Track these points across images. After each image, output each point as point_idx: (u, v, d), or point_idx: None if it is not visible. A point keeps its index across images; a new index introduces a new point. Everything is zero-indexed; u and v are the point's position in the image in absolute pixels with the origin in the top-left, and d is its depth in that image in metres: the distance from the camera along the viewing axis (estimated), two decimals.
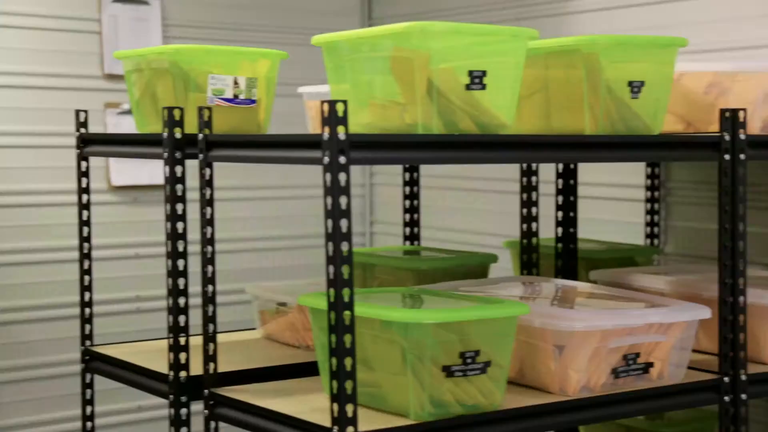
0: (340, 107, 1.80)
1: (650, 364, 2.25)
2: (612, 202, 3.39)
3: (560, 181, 2.93)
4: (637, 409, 2.28)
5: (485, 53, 2.01)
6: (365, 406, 2.00)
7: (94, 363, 2.62)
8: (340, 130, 1.80)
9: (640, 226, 3.24)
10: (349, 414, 1.83)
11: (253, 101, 2.38)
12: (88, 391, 2.64)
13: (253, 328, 2.84)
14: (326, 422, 1.89)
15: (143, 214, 4.13)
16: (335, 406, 1.84)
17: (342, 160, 1.81)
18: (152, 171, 4.10)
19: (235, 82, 2.34)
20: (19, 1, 3.79)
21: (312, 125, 2.76)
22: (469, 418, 2.00)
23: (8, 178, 3.82)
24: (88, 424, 2.63)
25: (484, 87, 2.00)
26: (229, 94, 2.34)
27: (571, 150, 2.21)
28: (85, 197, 2.64)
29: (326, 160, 1.82)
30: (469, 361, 1.98)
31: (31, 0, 3.81)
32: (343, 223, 1.83)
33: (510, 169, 3.49)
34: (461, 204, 4.04)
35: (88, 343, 2.66)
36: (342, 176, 1.82)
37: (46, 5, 3.84)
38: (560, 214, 2.92)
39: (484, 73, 2.00)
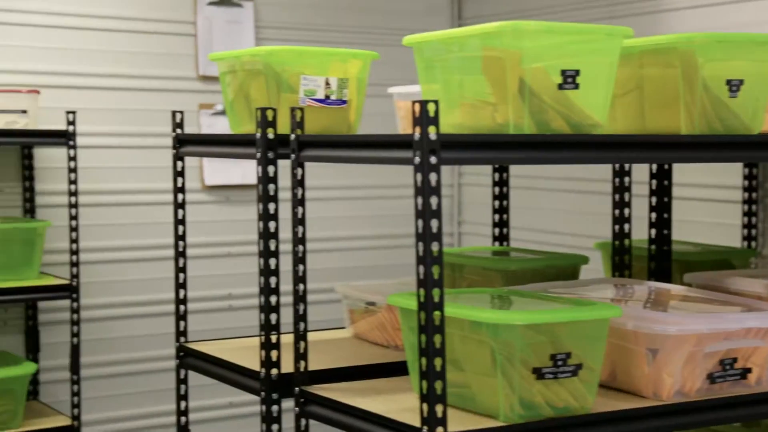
0: (431, 107, 1.79)
1: (748, 370, 2.19)
2: (708, 204, 3.32)
3: (654, 181, 2.87)
4: (733, 416, 2.22)
5: (578, 52, 1.99)
6: (454, 406, 1.99)
7: (188, 359, 2.67)
8: (431, 130, 1.80)
9: (737, 228, 3.16)
10: (439, 414, 1.83)
11: (344, 102, 2.40)
12: (183, 387, 2.69)
13: (343, 327, 2.86)
14: (416, 422, 1.89)
15: (235, 213, 4.19)
16: (425, 406, 1.83)
17: (433, 160, 1.81)
18: (244, 171, 4.16)
19: (327, 83, 2.36)
20: (116, 5, 3.88)
21: (402, 125, 2.76)
22: (559, 420, 1.97)
23: (107, 178, 3.92)
24: (182, 418, 2.68)
25: (577, 86, 1.98)
26: (320, 95, 2.36)
27: (667, 150, 2.16)
28: (180, 196, 2.69)
29: (417, 160, 1.82)
30: (560, 363, 1.96)
31: (128, 4, 3.91)
32: (434, 223, 1.82)
33: (601, 170, 3.44)
34: (551, 204, 4.00)
35: (182, 339, 2.71)
36: (433, 176, 1.82)
37: (144, 9, 3.93)
38: (654, 215, 2.87)
39: (577, 72, 1.97)
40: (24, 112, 3.51)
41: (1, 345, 3.75)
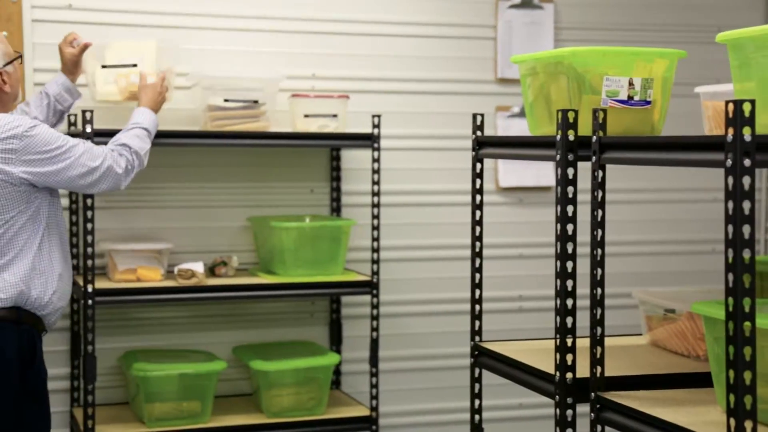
0: (746, 107, 1.70)
1: None
2: None
3: None
4: None
5: None
6: (764, 423, 1.88)
7: (483, 358, 2.70)
8: (746, 131, 1.71)
9: None
10: (748, 431, 1.73)
11: (648, 102, 2.33)
12: (477, 385, 2.72)
13: (639, 334, 2.78)
14: None
15: (527, 215, 4.20)
16: (732, 422, 1.75)
17: (747, 162, 1.72)
18: (538, 173, 4.16)
19: (630, 83, 2.30)
20: (420, 12, 4.01)
21: (708, 126, 2.64)
22: None
23: (407, 179, 4.05)
24: (476, 416, 2.72)
25: None
26: (623, 96, 2.31)
27: None
28: (478, 198, 2.72)
29: (729, 162, 1.73)
30: None
31: (431, 10, 4.02)
32: (746, 229, 1.73)
33: None
34: None
35: (477, 338, 2.75)
36: (746, 180, 1.72)
37: (446, 14, 4.03)
38: None
39: None
40: (334, 116, 3.71)
41: (308, 335, 3.98)
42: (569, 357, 2.26)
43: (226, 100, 3.61)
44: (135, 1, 3.73)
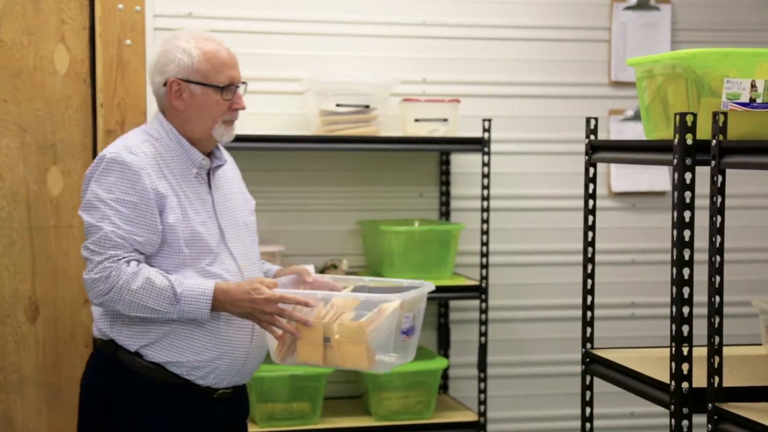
0: None
1: None
2: None
3: None
4: None
5: None
6: None
7: (594, 365, 2.66)
8: None
9: None
10: None
11: None
12: (588, 393, 2.69)
13: (759, 344, 2.70)
14: None
15: (641, 221, 4.12)
16: None
17: None
18: (652, 177, 4.08)
19: (753, 86, 2.24)
20: (533, 15, 3.98)
21: None
22: None
23: (517, 183, 4.03)
24: (587, 425, 2.68)
25: None
26: (745, 98, 2.24)
27: None
28: (591, 202, 2.69)
29: None
30: None
31: (545, 13, 3.98)
32: None
33: None
34: None
35: (589, 345, 2.71)
36: None
37: (560, 17, 4.00)
38: None
39: None
40: (445, 120, 3.71)
41: None
42: (685, 366, 2.21)
43: (338, 105, 3.65)
44: (253, 9, 3.81)
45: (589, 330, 2.72)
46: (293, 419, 3.59)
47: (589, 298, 2.70)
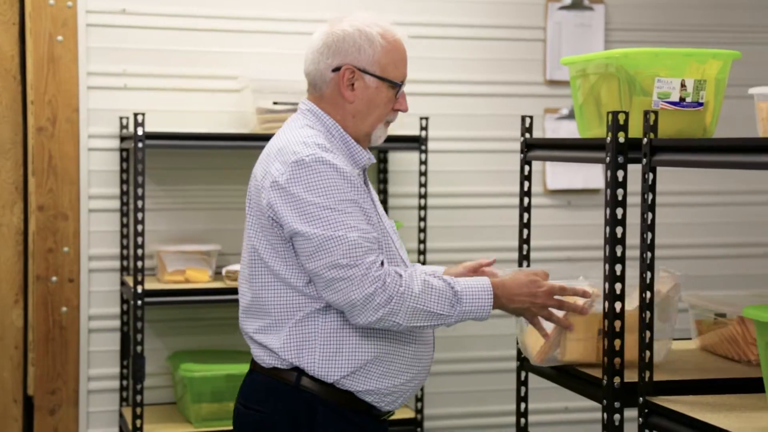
0: None
1: None
2: None
3: None
4: None
5: None
6: None
7: (529, 362, 2.69)
8: None
9: None
10: None
11: (700, 104, 2.30)
12: (523, 389, 2.71)
13: (689, 338, 2.75)
14: None
15: (576, 218, 4.17)
16: None
17: None
18: (587, 175, 4.13)
19: (683, 85, 2.28)
20: (468, 14, 4.00)
21: (762, 128, 2.61)
22: None
23: (454, 181, 4.05)
24: (522, 420, 2.71)
25: None
26: (675, 98, 2.28)
27: None
28: (526, 200, 2.71)
29: None
30: None
31: (479, 12, 4.01)
32: None
33: None
34: None
35: None
36: None
37: (495, 16, 4.02)
38: None
39: None
40: None
41: None
42: (617, 361, 2.24)
43: (275, 103, 3.63)
44: (189, 5, 3.77)
45: None
46: (229, 419, 3.55)
47: None
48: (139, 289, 3.41)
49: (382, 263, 2.15)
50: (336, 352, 2.21)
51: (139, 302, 3.41)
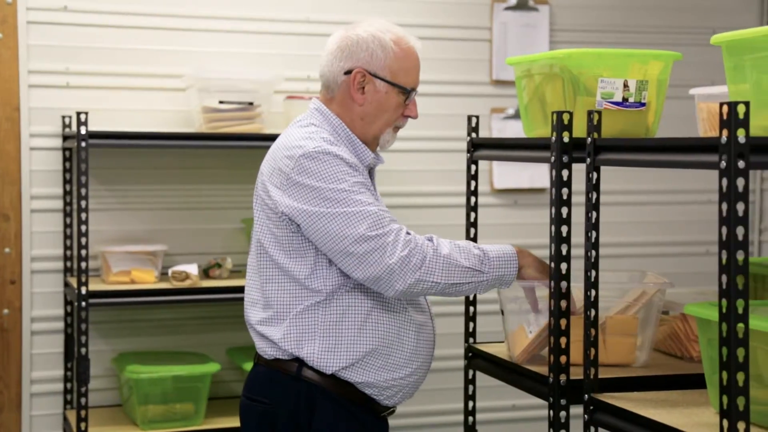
0: (741, 109, 1.71)
1: None
2: None
3: None
4: None
5: None
6: (757, 424, 1.88)
7: (476, 360, 2.71)
8: (740, 133, 1.72)
9: None
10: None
11: (643, 104, 2.33)
12: (470, 387, 2.73)
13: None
14: None
15: (522, 217, 4.20)
16: (725, 423, 1.75)
17: (741, 164, 1.72)
18: (533, 174, 4.16)
19: (625, 85, 2.31)
20: (415, 13, 4.01)
21: (702, 128, 2.65)
22: None
23: (404, 180, 4.05)
24: (470, 418, 2.72)
25: None
26: (618, 98, 2.31)
27: None
28: (473, 199, 2.73)
29: (723, 164, 1.74)
30: None
31: (425, 12, 4.02)
32: (739, 230, 1.73)
33: None
34: None
35: (471, 340, 2.75)
36: (740, 181, 1.73)
37: (441, 16, 4.03)
38: None
39: None
40: None
41: None
42: (563, 358, 2.26)
43: (221, 102, 3.60)
44: (130, 3, 3.73)
45: (471, 325, 2.76)
46: (176, 421, 3.53)
47: (472, 294, 2.73)
48: (84, 290, 3.37)
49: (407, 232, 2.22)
50: (335, 344, 2.27)
51: (84, 303, 3.36)
